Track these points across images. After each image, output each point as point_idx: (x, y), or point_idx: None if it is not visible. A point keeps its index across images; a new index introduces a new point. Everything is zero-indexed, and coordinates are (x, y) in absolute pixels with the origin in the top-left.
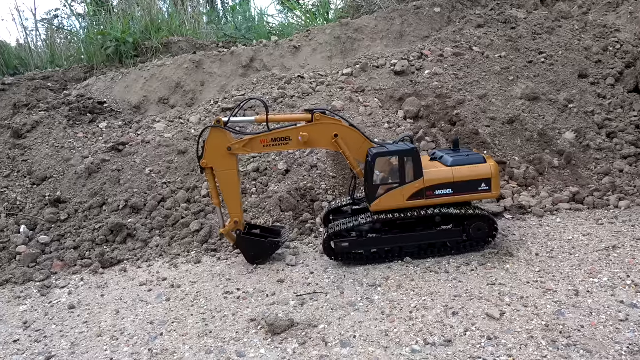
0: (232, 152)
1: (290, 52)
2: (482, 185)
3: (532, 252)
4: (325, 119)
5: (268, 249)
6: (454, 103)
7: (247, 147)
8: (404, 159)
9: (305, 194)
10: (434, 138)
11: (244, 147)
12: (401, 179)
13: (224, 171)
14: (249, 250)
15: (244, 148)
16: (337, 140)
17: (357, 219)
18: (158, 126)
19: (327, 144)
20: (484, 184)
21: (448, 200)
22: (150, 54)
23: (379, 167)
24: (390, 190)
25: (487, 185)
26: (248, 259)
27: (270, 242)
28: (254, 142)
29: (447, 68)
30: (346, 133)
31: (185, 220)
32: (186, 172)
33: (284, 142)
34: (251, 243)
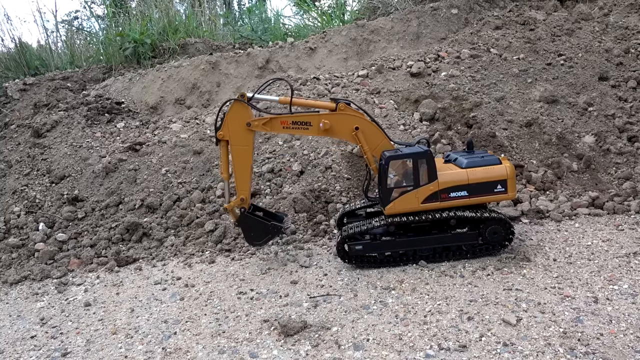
0: (250, 128)
1: (305, 53)
2: (498, 186)
3: (550, 258)
4: (349, 110)
5: (269, 232)
6: (470, 105)
7: (266, 126)
8: (418, 161)
9: (319, 196)
10: (449, 140)
11: (264, 125)
12: (415, 182)
13: (239, 146)
14: (249, 230)
15: (264, 126)
16: (357, 133)
17: (371, 221)
18: (174, 126)
19: (347, 135)
20: (500, 186)
21: (463, 202)
22: (168, 55)
23: (393, 170)
24: (405, 194)
25: (503, 186)
26: (247, 238)
27: (273, 225)
28: (274, 122)
29: (463, 70)
30: (367, 127)
31: (200, 220)
32: (201, 172)
33: (303, 126)
34: (253, 223)
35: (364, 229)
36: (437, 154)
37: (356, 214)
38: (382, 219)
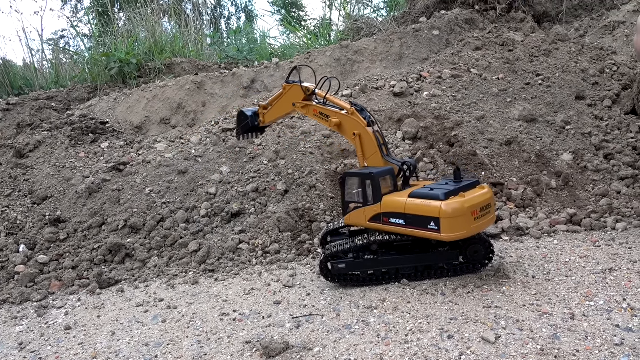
0: (294, 108)
1: None
2: (431, 223)
3: (529, 275)
4: (356, 116)
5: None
6: (452, 124)
7: (304, 109)
8: (365, 182)
9: (303, 215)
10: (432, 159)
11: (302, 108)
12: (364, 200)
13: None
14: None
15: (302, 109)
16: (356, 139)
17: (353, 240)
18: (159, 146)
19: (350, 137)
20: (433, 223)
21: (400, 230)
22: (153, 74)
23: (349, 186)
24: (357, 209)
25: (436, 225)
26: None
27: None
28: (309, 108)
29: (445, 90)
30: (365, 136)
31: (183, 241)
32: (186, 192)
33: (324, 118)
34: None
35: (347, 247)
36: (421, 172)
37: (340, 233)
38: (365, 237)
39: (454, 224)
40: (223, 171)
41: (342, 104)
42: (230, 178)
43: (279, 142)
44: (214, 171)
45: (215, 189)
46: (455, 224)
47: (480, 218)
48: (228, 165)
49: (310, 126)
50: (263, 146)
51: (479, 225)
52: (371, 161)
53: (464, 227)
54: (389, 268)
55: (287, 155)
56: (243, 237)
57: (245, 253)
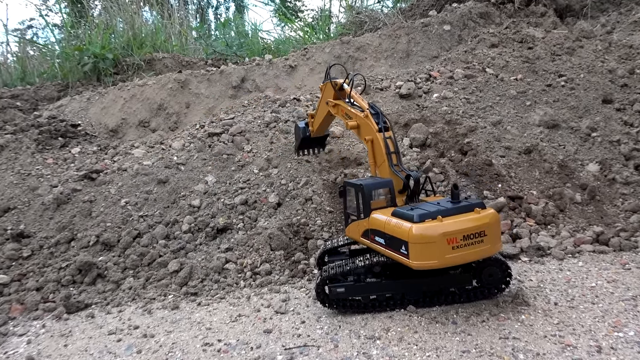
0: (327, 105)
1: (285, 71)
2: (402, 247)
3: (551, 301)
4: (369, 120)
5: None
6: (465, 130)
7: (334, 109)
8: (357, 193)
9: (298, 231)
10: (442, 169)
11: (333, 107)
12: (357, 213)
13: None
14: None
15: (333, 108)
16: (368, 144)
17: (354, 261)
18: (137, 152)
19: (363, 139)
20: (404, 247)
21: (382, 250)
22: (132, 71)
23: (348, 195)
24: (354, 221)
25: (406, 249)
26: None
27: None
28: (339, 108)
29: (457, 91)
30: (376, 143)
31: (162, 259)
32: (166, 204)
33: (348, 118)
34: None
35: (346, 269)
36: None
37: (339, 252)
38: (367, 257)
39: (423, 251)
40: (208, 181)
41: (362, 104)
42: (216, 189)
43: (272, 149)
44: (198, 181)
45: (199, 201)
46: (425, 251)
47: (464, 247)
48: (214, 174)
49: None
50: (253, 153)
51: (461, 255)
52: (381, 170)
53: (435, 256)
54: (394, 293)
55: (280, 163)
56: (230, 255)
57: (232, 274)
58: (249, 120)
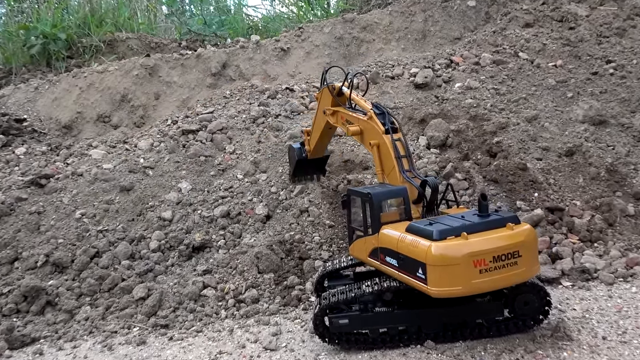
0: (325, 115)
1: (276, 55)
2: (419, 271)
3: (598, 335)
4: (374, 121)
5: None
6: (493, 127)
7: (333, 117)
8: (365, 204)
9: (291, 249)
10: (466, 174)
11: (332, 115)
12: (364, 228)
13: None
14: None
15: (332, 116)
16: (374, 149)
17: (360, 286)
18: (95, 153)
19: (367, 145)
20: (421, 270)
21: (394, 274)
22: (89, 55)
23: (353, 206)
24: (359, 238)
25: (423, 273)
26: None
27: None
28: (338, 115)
29: (484, 80)
30: (383, 147)
31: (126, 284)
32: (130, 216)
33: (349, 124)
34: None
35: (350, 296)
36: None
37: (341, 275)
38: (375, 282)
39: (445, 275)
40: (182, 188)
41: (365, 106)
42: (192, 198)
43: (259, 149)
44: (169, 188)
45: (171, 213)
46: (447, 276)
47: (494, 271)
48: (189, 180)
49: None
50: (237, 154)
51: (490, 280)
52: (391, 178)
53: (459, 281)
54: (409, 325)
55: (269, 167)
56: (208, 279)
57: (211, 302)
58: (231, 114)
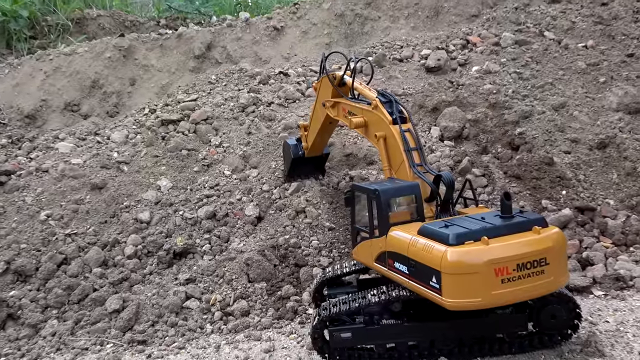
0: (325, 107)
1: (268, 35)
2: (433, 279)
3: (634, 350)
4: (379, 111)
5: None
6: (516, 117)
7: (333, 109)
8: (371, 202)
9: (286, 255)
10: (485, 170)
11: (332, 107)
12: (370, 229)
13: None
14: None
15: (332, 108)
16: (380, 142)
17: (364, 295)
18: (62, 146)
19: (372, 139)
20: (434, 279)
21: (404, 282)
22: (55, 35)
23: (357, 204)
24: (364, 240)
25: (437, 282)
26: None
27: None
28: (339, 107)
29: (505, 63)
30: (391, 140)
31: (98, 295)
32: (103, 217)
33: (352, 116)
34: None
35: (354, 307)
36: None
37: (343, 282)
38: (382, 291)
39: (462, 285)
40: (161, 186)
41: (369, 94)
42: (173, 197)
43: (249, 142)
44: (147, 186)
45: (149, 214)
46: (464, 286)
47: (518, 281)
48: (169, 176)
49: (299, 117)
50: (224, 147)
51: (513, 291)
52: (400, 174)
53: (478, 292)
54: (420, 340)
55: (261, 162)
56: (192, 289)
57: (195, 315)
58: (217, 102)
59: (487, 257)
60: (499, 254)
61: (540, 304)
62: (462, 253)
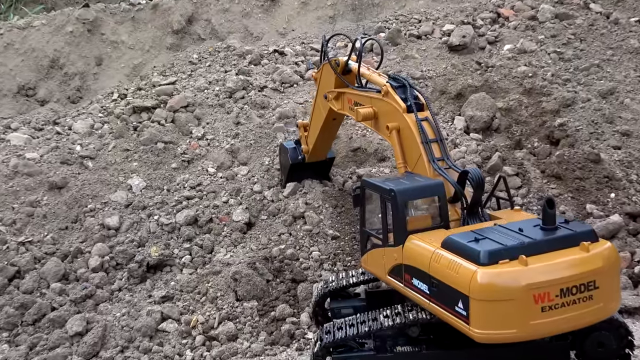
0: (327, 100)
1: (260, 6)
2: (459, 304)
3: None
4: (390, 97)
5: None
6: (555, 105)
7: (337, 102)
8: (385, 204)
9: (281, 268)
10: (519, 167)
11: (335, 99)
12: (383, 235)
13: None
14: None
15: (335, 101)
16: (392, 134)
17: (375, 316)
18: (14, 137)
19: (384, 132)
20: (461, 304)
21: (423, 302)
22: (6, 5)
23: (368, 203)
24: (375, 248)
25: (465, 308)
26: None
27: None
28: (344, 98)
29: (543, 41)
30: (406, 132)
31: (57, 315)
32: (63, 223)
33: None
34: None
35: (363, 330)
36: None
37: (348, 295)
38: (397, 312)
39: (495, 314)
40: (133, 186)
41: (378, 80)
42: (147, 199)
43: (238, 134)
44: (116, 185)
45: (118, 219)
46: (497, 314)
47: (562, 308)
48: (142, 174)
49: (297, 105)
50: (208, 140)
51: (556, 321)
52: (417, 170)
53: (514, 322)
54: None
55: (251, 157)
56: (169, 309)
57: (173, 339)
58: (200, 86)
59: (525, 280)
60: (540, 276)
61: (585, 331)
62: (495, 275)
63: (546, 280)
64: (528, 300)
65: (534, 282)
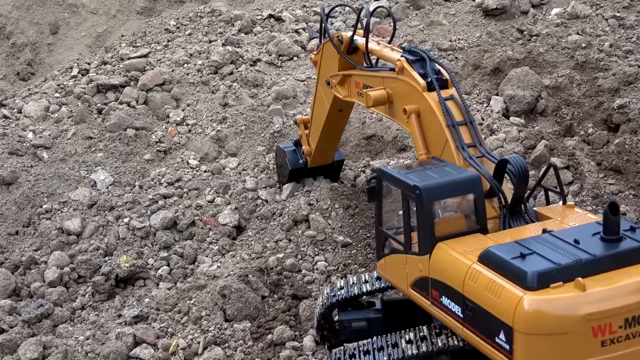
0: (330, 87)
1: None
2: (501, 335)
3: None
4: (407, 74)
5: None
6: (614, 82)
7: (342, 87)
8: (409, 202)
9: (279, 282)
10: (569, 158)
11: (340, 84)
12: (405, 239)
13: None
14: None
15: (340, 86)
16: (411, 119)
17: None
18: None
19: (400, 117)
20: (503, 335)
21: (455, 326)
22: None
23: (386, 198)
24: (395, 253)
25: (508, 341)
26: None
27: None
28: (350, 82)
29: (599, 3)
30: (427, 112)
31: (7, 338)
32: (12, 227)
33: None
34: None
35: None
36: None
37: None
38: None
39: (545, 349)
40: (98, 181)
41: (390, 56)
42: (115, 197)
43: (225, 117)
44: (76, 181)
45: (80, 222)
46: (548, 350)
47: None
48: (109, 167)
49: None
50: (188, 125)
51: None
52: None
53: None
54: None
55: (242, 146)
56: (142, 331)
57: None
58: (178, 60)
59: (582, 309)
60: (600, 304)
61: None
62: (546, 302)
63: (607, 308)
64: (586, 334)
65: (594, 312)
